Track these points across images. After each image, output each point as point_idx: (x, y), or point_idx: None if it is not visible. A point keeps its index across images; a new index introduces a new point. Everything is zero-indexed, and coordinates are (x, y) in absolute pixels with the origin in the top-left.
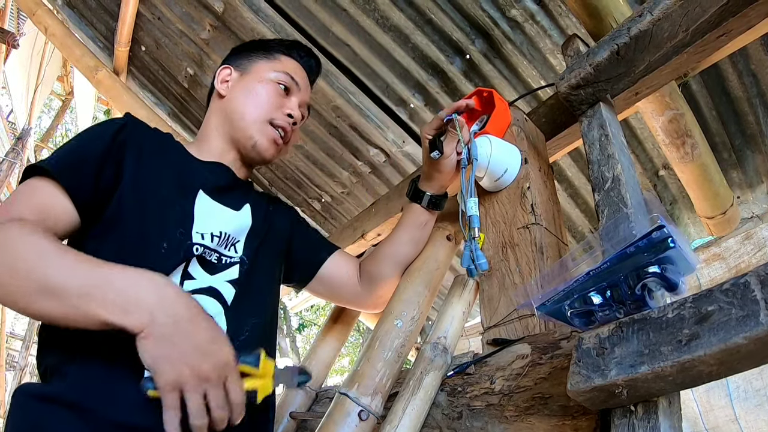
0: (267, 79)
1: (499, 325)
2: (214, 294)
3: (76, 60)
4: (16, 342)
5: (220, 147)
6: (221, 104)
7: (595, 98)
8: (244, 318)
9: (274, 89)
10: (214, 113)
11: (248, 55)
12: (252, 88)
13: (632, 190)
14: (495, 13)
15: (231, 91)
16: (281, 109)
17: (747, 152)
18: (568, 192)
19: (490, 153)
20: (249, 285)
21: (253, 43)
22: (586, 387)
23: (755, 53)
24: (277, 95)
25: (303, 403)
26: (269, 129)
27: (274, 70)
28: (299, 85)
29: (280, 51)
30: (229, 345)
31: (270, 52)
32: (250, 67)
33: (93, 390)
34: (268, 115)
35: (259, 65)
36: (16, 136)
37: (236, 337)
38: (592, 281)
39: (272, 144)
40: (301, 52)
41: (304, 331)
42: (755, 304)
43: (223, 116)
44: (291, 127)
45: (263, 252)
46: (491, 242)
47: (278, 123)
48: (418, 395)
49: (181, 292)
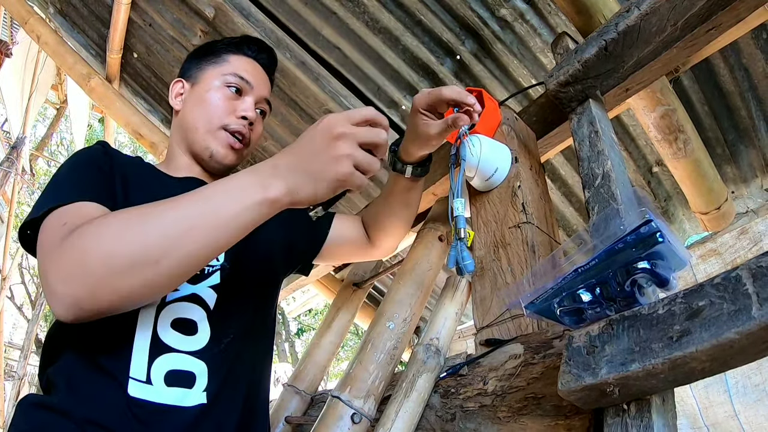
0: (215, 86)
1: (492, 325)
2: (197, 300)
3: (69, 68)
4: (15, 352)
5: (185, 162)
6: (177, 120)
7: (585, 95)
8: (228, 321)
9: (223, 94)
10: (174, 129)
11: (198, 64)
12: (201, 98)
13: (622, 186)
14: (484, 13)
15: (184, 104)
16: (234, 113)
17: (740, 147)
18: (561, 190)
19: (480, 153)
20: (231, 289)
21: (202, 49)
22: (577, 386)
23: (746, 47)
24: (227, 100)
25: (298, 407)
26: (223, 135)
27: (222, 74)
28: (251, 83)
29: (228, 51)
30: (329, 118)
31: (218, 55)
32: (199, 76)
33: (82, 398)
34: (220, 122)
35: (208, 72)
36: (11, 145)
37: (221, 340)
38: (580, 278)
39: (229, 150)
40: (252, 47)
41: (302, 335)
42: (747, 298)
43: (180, 131)
44: (248, 128)
45: (247, 255)
46: (483, 242)
47: (232, 128)
48: (411, 397)
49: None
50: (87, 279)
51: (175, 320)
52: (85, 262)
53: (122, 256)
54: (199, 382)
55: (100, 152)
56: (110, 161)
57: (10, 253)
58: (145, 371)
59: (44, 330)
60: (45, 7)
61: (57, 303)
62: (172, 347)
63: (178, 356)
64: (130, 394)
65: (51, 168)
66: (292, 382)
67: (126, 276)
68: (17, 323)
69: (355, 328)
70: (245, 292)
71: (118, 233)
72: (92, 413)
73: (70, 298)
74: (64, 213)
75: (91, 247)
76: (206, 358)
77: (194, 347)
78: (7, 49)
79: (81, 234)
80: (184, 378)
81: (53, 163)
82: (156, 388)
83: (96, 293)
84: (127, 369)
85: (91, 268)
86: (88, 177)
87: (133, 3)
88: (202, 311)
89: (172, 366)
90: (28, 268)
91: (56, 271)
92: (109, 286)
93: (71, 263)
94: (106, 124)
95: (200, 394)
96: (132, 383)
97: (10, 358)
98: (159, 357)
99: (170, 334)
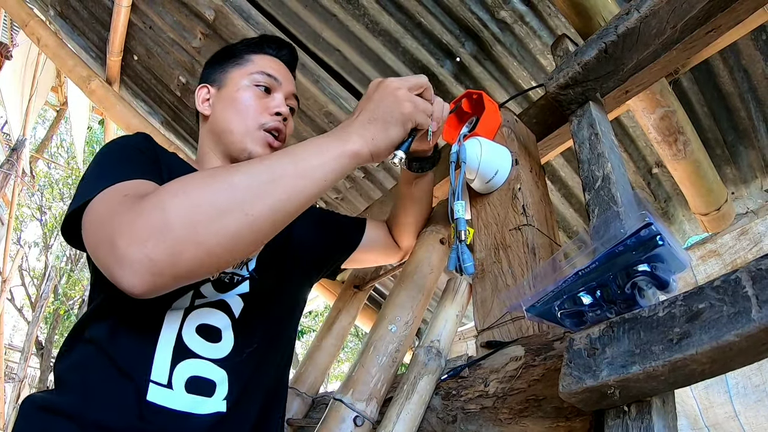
0: (244, 86)
1: (493, 327)
2: (223, 307)
3: (68, 70)
4: (15, 354)
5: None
6: (208, 125)
7: (585, 97)
8: (252, 331)
9: (253, 93)
10: (205, 136)
11: (220, 68)
12: (232, 99)
13: (622, 189)
14: (484, 15)
15: (213, 109)
16: (267, 111)
17: (740, 148)
18: (561, 192)
19: (481, 155)
20: (259, 299)
21: (222, 53)
22: (577, 388)
23: (745, 48)
24: (259, 98)
25: (299, 409)
26: (261, 134)
27: (249, 73)
28: (278, 80)
29: (250, 51)
30: (381, 80)
31: (240, 56)
32: (224, 79)
33: (95, 401)
34: (256, 121)
35: (233, 74)
36: (11, 147)
37: (244, 350)
38: (581, 281)
39: (268, 148)
40: (272, 45)
41: (303, 337)
42: (747, 300)
43: (213, 137)
44: (283, 124)
45: (277, 265)
46: (483, 244)
47: (269, 126)
48: (412, 400)
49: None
50: (168, 235)
51: (200, 326)
52: (166, 219)
53: (209, 203)
54: (219, 390)
55: (146, 140)
56: (155, 150)
57: (10, 255)
58: (167, 375)
59: (44, 332)
60: (45, 10)
61: (128, 271)
62: (195, 353)
63: (201, 363)
64: (148, 399)
65: (51, 170)
66: (293, 384)
67: (211, 226)
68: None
69: (355, 329)
70: (272, 303)
71: (203, 184)
72: (103, 417)
73: (147, 261)
74: (122, 188)
75: (172, 201)
76: (228, 367)
77: (217, 355)
78: (7, 52)
79: (158, 194)
80: (204, 386)
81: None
82: (176, 393)
83: (177, 251)
84: (148, 372)
85: (173, 221)
86: (139, 159)
87: (134, 5)
88: (227, 319)
89: (194, 372)
90: (28, 270)
91: (129, 234)
92: (192, 240)
93: (149, 222)
94: (107, 126)
95: (220, 402)
96: (152, 387)
97: (10, 360)
98: (182, 362)
99: (195, 339)
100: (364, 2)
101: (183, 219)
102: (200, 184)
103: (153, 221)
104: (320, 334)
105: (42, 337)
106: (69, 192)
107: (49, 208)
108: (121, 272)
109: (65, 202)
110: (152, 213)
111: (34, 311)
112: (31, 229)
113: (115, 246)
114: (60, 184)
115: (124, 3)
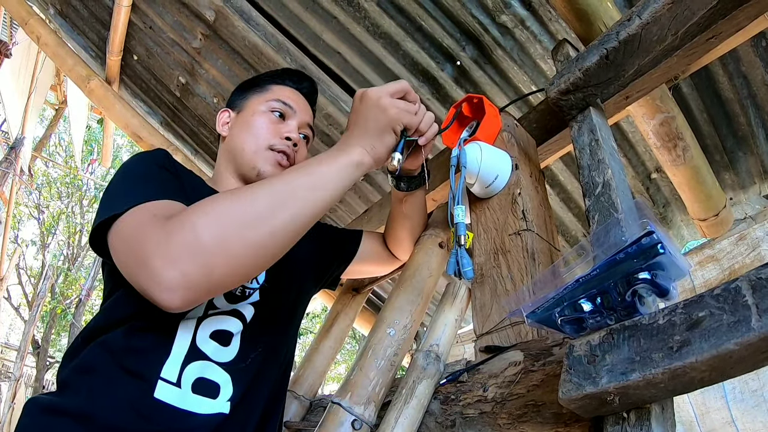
0: (260, 111)
1: (492, 332)
2: (236, 314)
3: (68, 69)
4: (11, 353)
5: (233, 184)
6: (225, 146)
7: (585, 103)
8: (258, 337)
9: (268, 118)
10: (222, 155)
11: (242, 95)
12: (247, 122)
13: (623, 195)
14: (485, 19)
15: (231, 131)
16: (278, 134)
17: (739, 154)
18: (560, 197)
19: (481, 159)
20: (268, 307)
21: (248, 82)
22: (577, 395)
23: (745, 55)
24: (272, 123)
25: (297, 412)
26: (270, 154)
27: (266, 100)
28: (293, 108)
29: (272, 82)
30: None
31: (262, 86)
32: (244, 104)
33: (102, 401)
34: (266, 142)
35: (252, 100)
36: (9, 146)
37: (248, 355)
38: (581, 288)
39: (277, 167)
40: (293, 77)
41: (300, 339)
42: (746, 309)
43: (228, 156)
44: (292, 149)
45: (284, 277)
46: (483, 249)
47: (278, 148)
48: (410, 404)
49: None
50: (201, 251)
51: (214, 332)
52: (197, 237)
53: (236, 219)
54: (223, 392)
55: (167, 157)
56: (176, 167)
57: (8, 254)
58: (177, 373)
59: (41, 331)
60: (45, 8)
61: (165, 289)
62: (207, 355)
63: (209, 365)
64: (156, 396)
65: (49, 169)
66: (291, 387)
67: (240, 240)
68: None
69: (352, 332)
70: (278, 312)
71: (230, 202)
72: (109, 417)
73: (182, 278)
74: (152, 207)
75: (202, 220)
76: (232, 371)
77: (224, 359)
78: (7, 50)
79: (187, 214)
80: (210, 388)
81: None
82: (183, 392)
83: (210, 266)
84: (159, 370)
85: (205, 239)
86: (163, 177)
87: (134, 5)
88: (240, 324)
89: (202, 374)
90: (25, 269)
91: (164, 254)
92: (223, 254)
93: (182, 241)
94: (105, 125)
95: (224, 403)
96: (161, 384)
97: (6, 359)
98: (192, 362)
99: (208, 343)
100: (364, 5)
101: (214, 235)
102: (227, 202)
103: (186, 240)
104: (318, 337)
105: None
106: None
107: (47, 207)
108: (159, 290)
109: (63, 200)
110: (184, 232)
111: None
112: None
113: (150, 266)
114: (58, 182)
115: (124, 2)
